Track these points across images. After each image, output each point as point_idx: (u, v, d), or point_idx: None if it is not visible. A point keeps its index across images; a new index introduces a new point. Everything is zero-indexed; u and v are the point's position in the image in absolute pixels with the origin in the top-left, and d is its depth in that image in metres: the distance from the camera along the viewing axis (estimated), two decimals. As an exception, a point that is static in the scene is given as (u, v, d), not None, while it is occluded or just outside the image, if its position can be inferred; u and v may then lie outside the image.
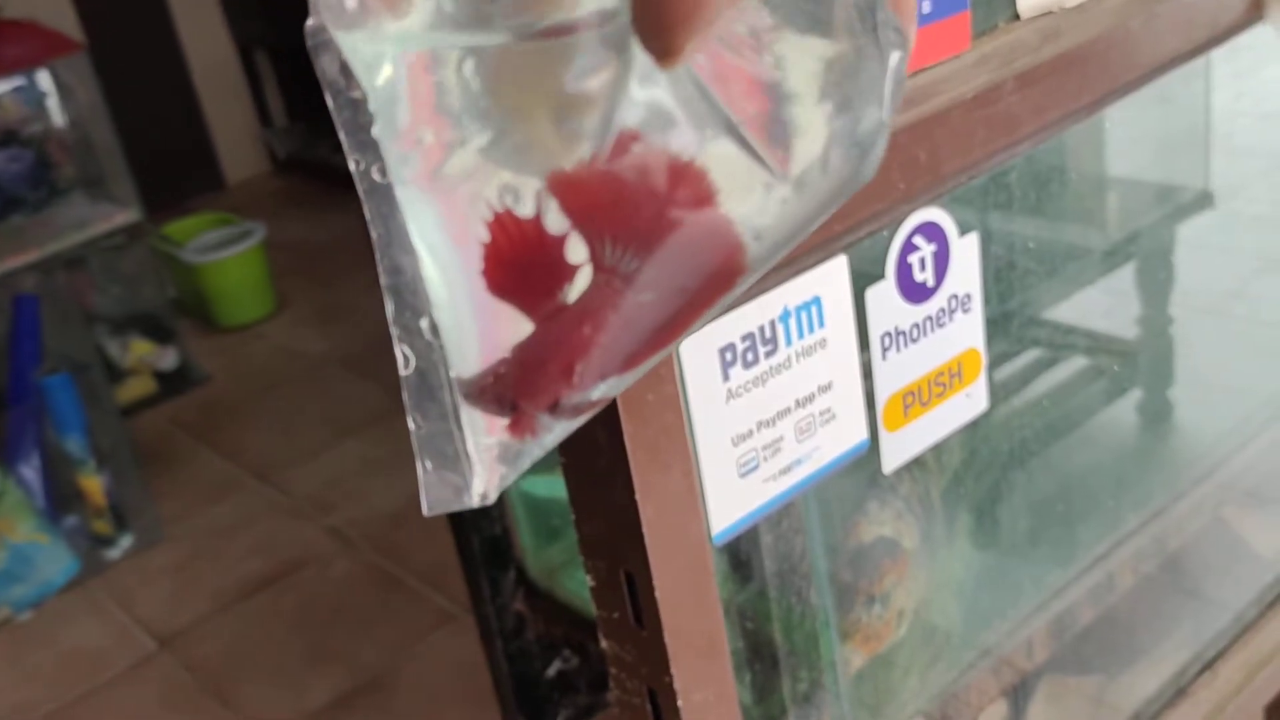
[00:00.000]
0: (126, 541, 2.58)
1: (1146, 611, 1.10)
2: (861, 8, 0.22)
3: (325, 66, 0.21)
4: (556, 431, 0.24)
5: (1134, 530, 1.06)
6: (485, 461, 0.24)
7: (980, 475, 1.01)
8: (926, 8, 0.64)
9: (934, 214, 0.70)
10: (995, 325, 0.90)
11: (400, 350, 0.22)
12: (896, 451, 0.73)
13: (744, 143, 0.22)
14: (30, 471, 2.45)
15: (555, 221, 0.21)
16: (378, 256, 0.22)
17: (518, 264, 0.21)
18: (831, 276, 0.65)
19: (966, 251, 0.72)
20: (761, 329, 0.63)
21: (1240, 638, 1.06)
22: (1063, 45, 0.70)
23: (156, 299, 3.11)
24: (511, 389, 0.22)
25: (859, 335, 0.68)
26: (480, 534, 1.33)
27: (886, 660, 0.95)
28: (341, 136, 0.21)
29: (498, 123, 0.20)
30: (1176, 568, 1.13)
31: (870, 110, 0.23)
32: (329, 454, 2.75)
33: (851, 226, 0.64)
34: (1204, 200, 1.28)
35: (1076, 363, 1.17)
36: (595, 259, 0.21)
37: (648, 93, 0.21)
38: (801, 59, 0.22)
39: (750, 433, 0.64)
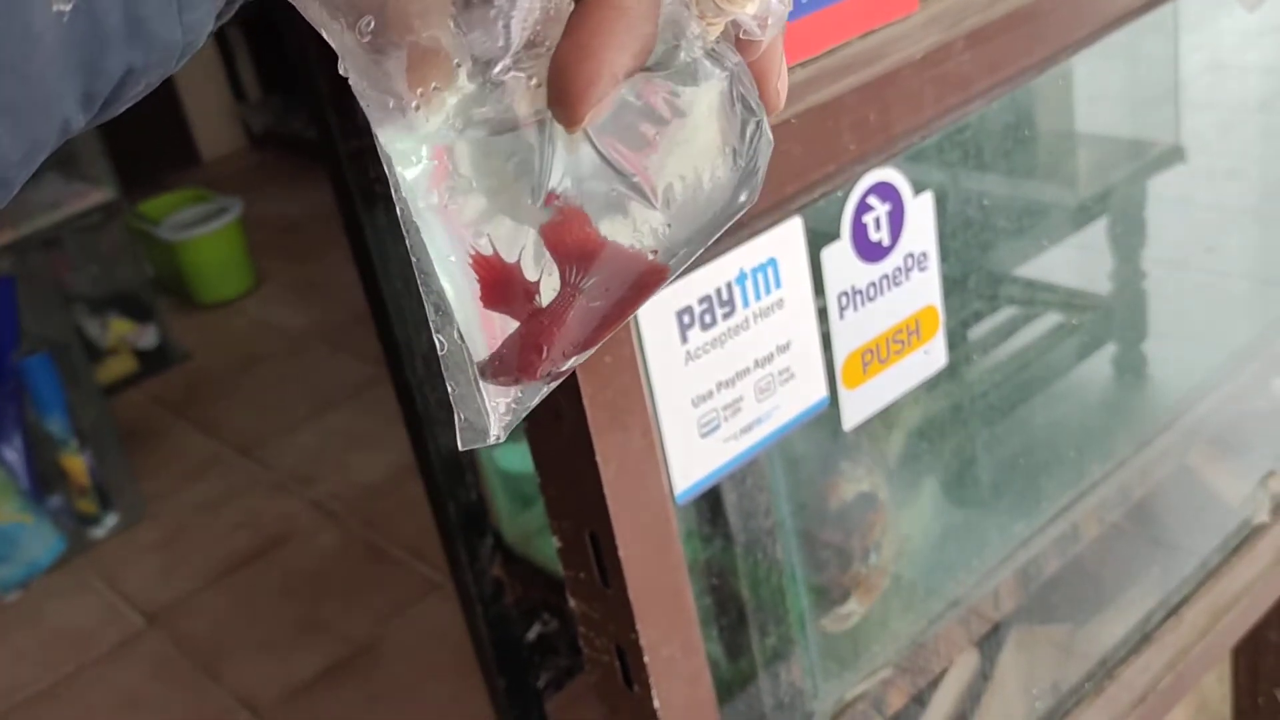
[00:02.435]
0: (111, 520, 2.58)
1: (1114, 560, 1.12)
2: (731, 93, 0.32)
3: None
4: (544, 390, 0.34)
5: (1106, 479, 1.08)
6: (497, 413, 0.34)
7: (956, 430, 1.03)
8: (874, -30, 0.65)
9: (888, 174, 0.71)
10: (968, 283, 0.92)
11: (438, 339, 0.33)
12: (857, 408, 0.75)
13: (636, 189, 0.31)
14: (12, 453, 2.46)
15: (528, 257, 0.32)
16: (419, 280, 0.32)
17: (499, 290, 0.32)
18: (786, 238, 0.66)
19: (921, 210, 0.73)
20: (719, 291, 0.65)
21: (1205, 583, 1.08)
22: (1012, 3, 0.71)
23: (134, 277, 3.10)
24: (508, 367, 0.33)
25: (816, 295, 0.69)
26: (456, 502, 1.34)
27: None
28: (395, 196, 0.31)
29: (485, 190, 0.31)
30: (1143, 516, 1.15)
31: (736, 161, 0.32)
32: (311, 428, 2.76)
33: (805, 188, 0.65)
34: (1175, 155, 1.29)
35: (1052, 318, 1.18)
36: (563, 279, 0.32)
37: (568, 161, 0.31)
38: (681, 131, 0.32)
39: (710, 393, 0.66)
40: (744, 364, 0.67)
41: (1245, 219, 1.40)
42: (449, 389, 0.33)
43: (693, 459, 0.66)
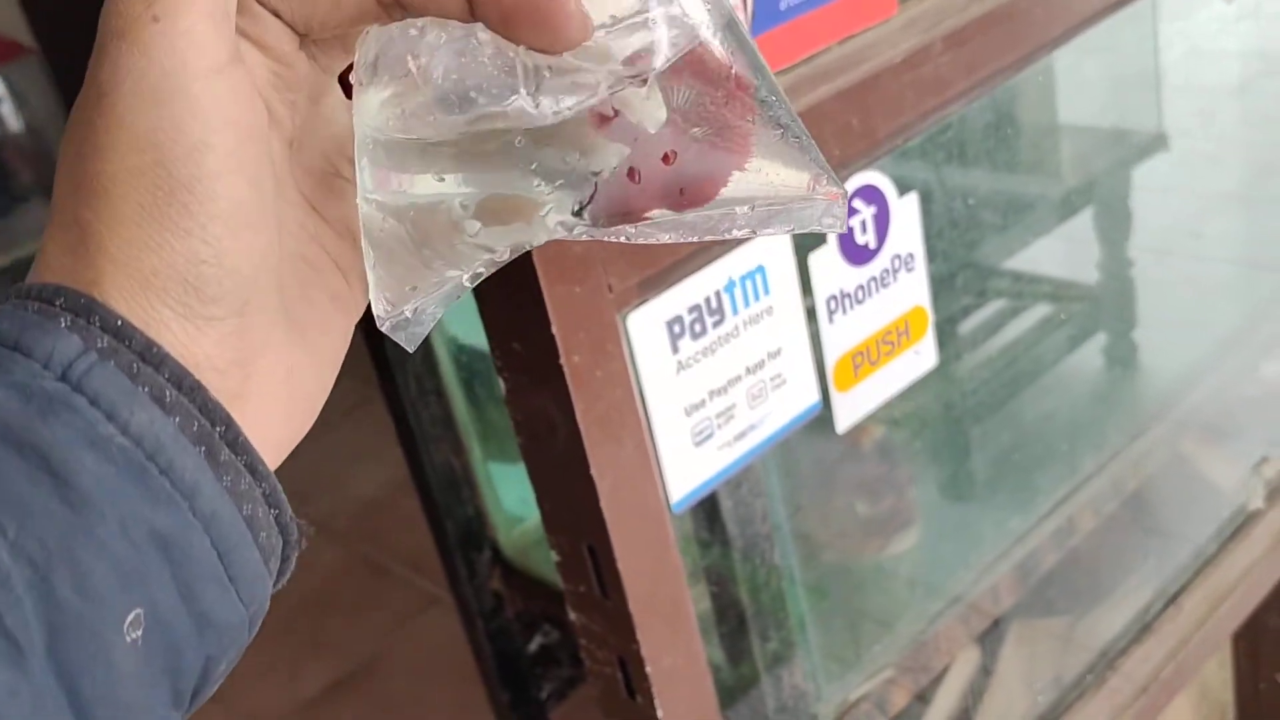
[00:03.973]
0: (109, 544, 2.58)
1: (1111, 551, 1.13)
2: None
3: None
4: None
5: (1100, 470, 1.08)
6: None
7: (950, 426, 1.03)
8: (850, -24, 0.65)
9: (872, 177, 0.71)
10: (957, 279, 0.92)
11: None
12: (849, 411, 0.75)
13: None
14: None
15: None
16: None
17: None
18: (774, 245, 0.67)
19: (907, 211, 0.74)
20: (708, 300, 0.65)
21: (1202, 571, 1.09)
22: (989, 4, 0.72)
23: (124, 300, 3.09)
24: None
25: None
26: (453, 517, 1.34)
27: (859, 610, 0.97)
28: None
29: None
30: (1139, 506, 1.15)
31: None
32: (306, 445, 2.72)
33: (789, 195, 0.65)
34: (1158, 142, 1.29)
35: (1042, 310, 1.18)
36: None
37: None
38: None
39: (703, 402, 0.66)
40: (735, 371, 0.67)
41: (1229, 204, 1.41)
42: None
43: (687, 468, 0.66)
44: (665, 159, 0.32)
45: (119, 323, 0.28)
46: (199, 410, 0.29)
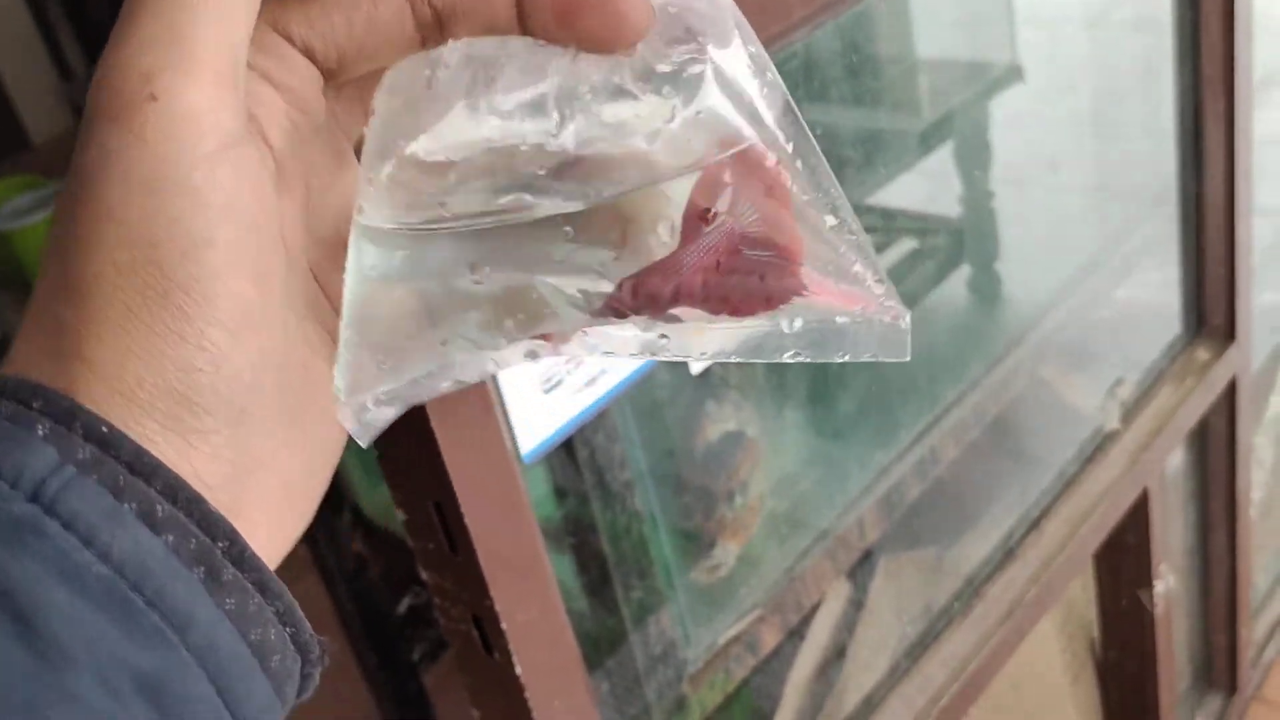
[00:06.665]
0: (-37, 527, 2.48)
1: (976, 480, 1.14)
2: None
3: None
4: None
5: (962, 399, 1.08)
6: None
7: (813, 363, 1.02)
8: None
9: (716, 108, 0.69)
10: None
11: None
12: (704, 351, 0.73)
13: None
14: None
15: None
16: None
17: None
18: (616, 181, 0.64)
19: (754, 143, 0.72)
20: (550, 241, 0.62)
21: (1062, 494, 1.10)
22: (829, -74, 0.70)
23: (-33, 271, 2.96)
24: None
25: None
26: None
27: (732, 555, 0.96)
28: None
29: None
30: (1001, 433, 1.16)
31: None
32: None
33: (630, 128, 0.63)
34: (1014, 74, 1.29)
35: (908, 245, 1.18)
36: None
37: None
38: None
39: (549, 348, 0.63)
40: (583, 314, 0.65)
41: (1083, 135, 1.43)
42: None
43: (537, 417, 0.63)
44: (718, 267, 0.27)
45: (104, 429, 0.25)
46: (198, 525, 0.25)
